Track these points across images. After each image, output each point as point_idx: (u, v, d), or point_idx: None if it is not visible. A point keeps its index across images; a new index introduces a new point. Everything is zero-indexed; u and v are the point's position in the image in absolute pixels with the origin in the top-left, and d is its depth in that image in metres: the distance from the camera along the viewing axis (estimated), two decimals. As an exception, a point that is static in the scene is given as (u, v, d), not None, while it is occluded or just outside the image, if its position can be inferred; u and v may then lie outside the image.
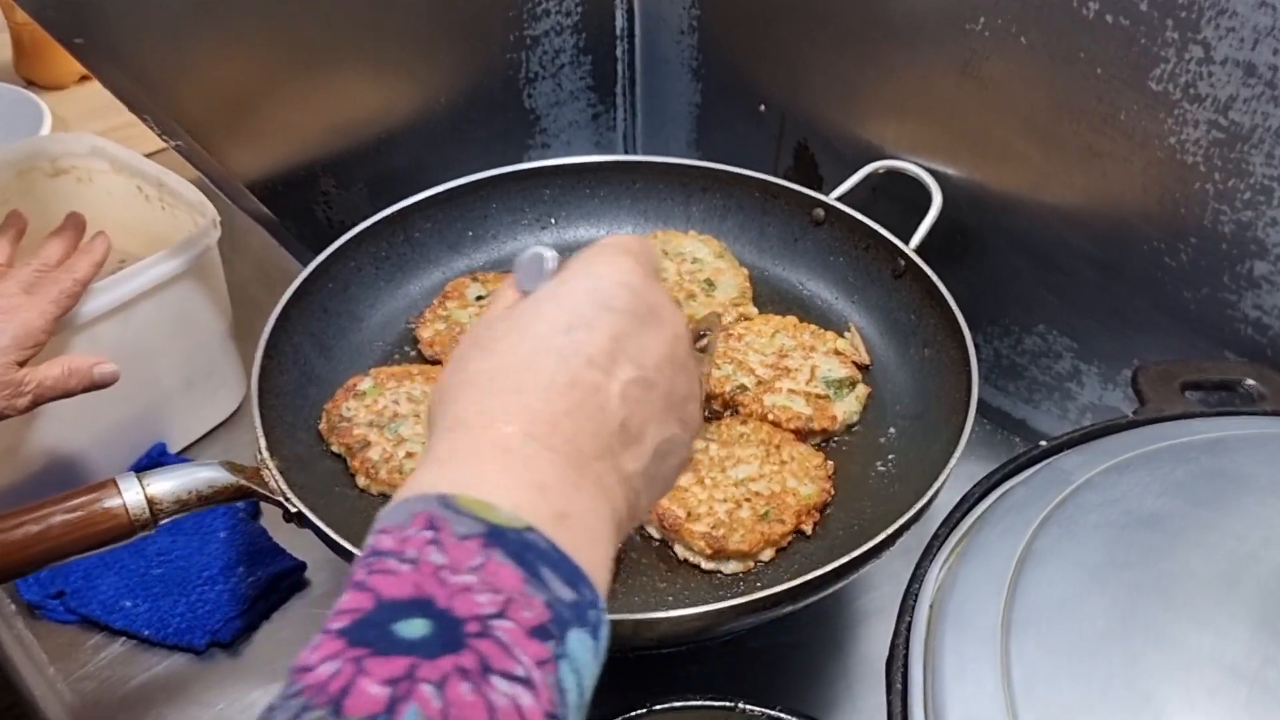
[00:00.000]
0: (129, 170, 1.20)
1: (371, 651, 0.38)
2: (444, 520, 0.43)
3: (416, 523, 0.43)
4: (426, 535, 0.42)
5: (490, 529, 0.43)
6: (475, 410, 0.49)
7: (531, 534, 0.44)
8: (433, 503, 0.44)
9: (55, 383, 0.91)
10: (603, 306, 0.52)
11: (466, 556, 0.42)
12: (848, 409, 1.03)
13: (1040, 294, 1.09)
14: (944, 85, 1.07)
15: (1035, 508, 0.74)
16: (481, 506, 0.44)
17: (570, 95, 1.37)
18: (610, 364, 0.51)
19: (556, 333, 0.51)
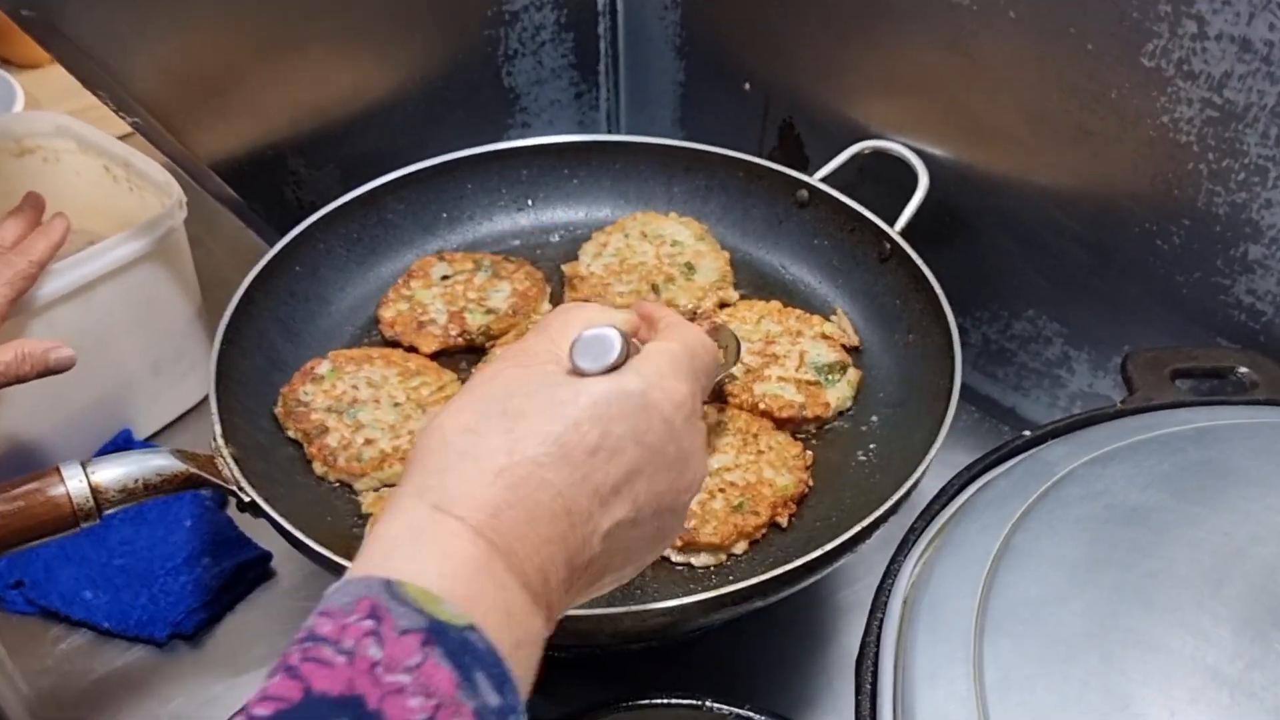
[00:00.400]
0: (96, 150, 1.17)
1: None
2: (387, 611, 0.41)
3: (359, 609, 0.41)
4: (367, 625, 0.40)
5: (432, 625, 0.41)
6: (466, 494, 0.46)
7: (472, 633, 0.42)
8: (378, 588, 0.42)
9: (7, 368, 0.88)
10: (636, 438, 0.50)
11: (405, 654, 0.40)
12: (840, 395, 1.00)
13: (1030, 278, 1.06)
14: (931, 62, 1.03)
15: (1015, 501, 0.71)
16: (428, 599, 0.42)
17: (551, 73, 1.34)
18: (611, 498, 0.49)
19: (580, 446, 0.49)
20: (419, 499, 0.47)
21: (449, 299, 1.08)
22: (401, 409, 0.97)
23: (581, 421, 0.49)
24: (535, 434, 0.48)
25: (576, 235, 1.19)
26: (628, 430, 0.50)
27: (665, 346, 0.56)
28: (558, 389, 0.50)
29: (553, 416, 0.49)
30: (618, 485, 0.50)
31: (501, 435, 0.48)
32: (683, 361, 0.55)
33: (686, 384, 0.54)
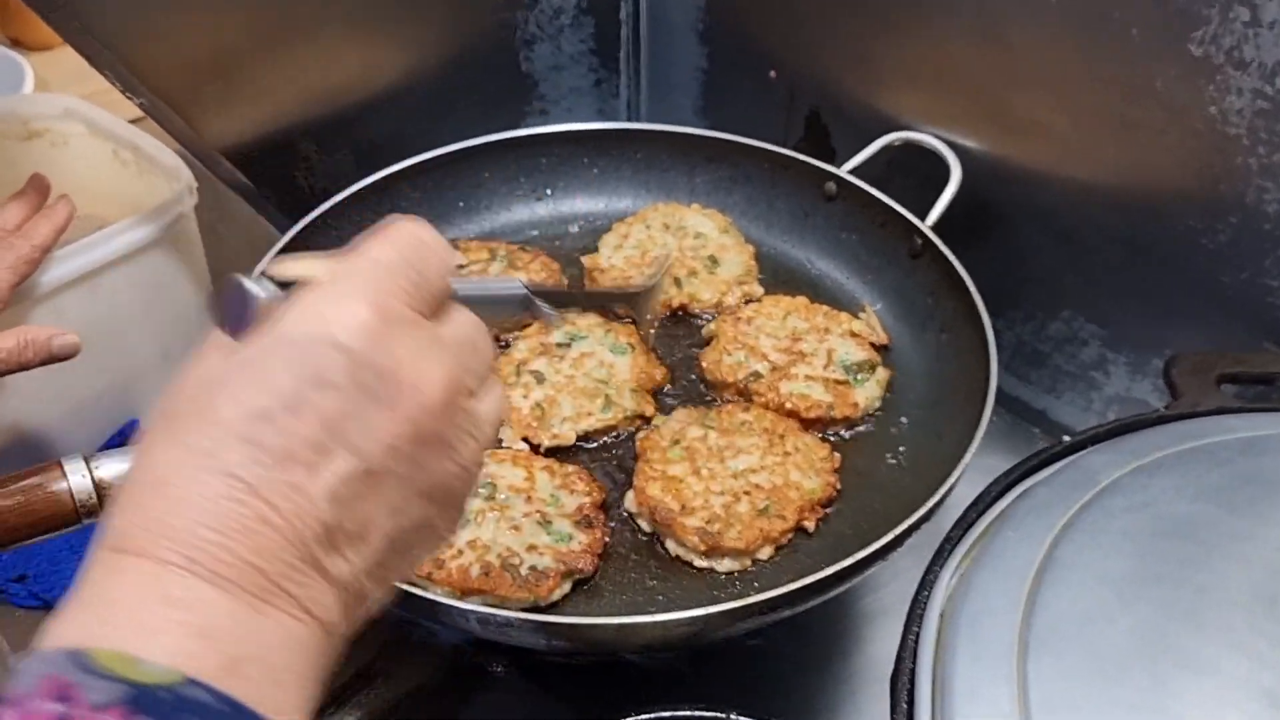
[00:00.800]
0: (104, 133, 1.14)
1: None
2: (76, 687, 0.35)
3: (43, 689, 0.35)
4: (55, 710, 0.34)
5: (135, 691, 0.35)
6: (130, 522, 0.40)
7: (191, 688, 0.36)
8: (63, 663, 0.35)
9: (9, 355, 0.86)
10: (312, 380, 0.42)
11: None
12: (869, 395, 0.97)
13: (1066, 276, 1.02)
14: (965, 50, 1.00)
15: (1057, 511, 0.68)
16: (123, 662, 0.36)
17: (570, 59, 1.31)
18: (317, 457, 0.41)
19: (248, 418, 0.41)
20: (97, 546, 0.41)
21: None
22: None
23: (242, 390, 0.41)
24: (197, 426, 0.41)
25: (596, 226, 1.16)
26: (296, 374, 0.41)
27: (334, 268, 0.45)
28: (210, 371, 0.43)
29: (213, 399, 0.42)
30: (314, 441, 0.41)
31: (164, 445, 0.42)
32: (354, 279, 0.44)
33: (359, 302, 0.43)
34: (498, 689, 0.87)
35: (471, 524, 0.83)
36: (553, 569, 0.79)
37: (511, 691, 0.88)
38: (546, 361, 0.98)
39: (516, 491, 0.85)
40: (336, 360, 0.42)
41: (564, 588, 0.80)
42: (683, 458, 0.89)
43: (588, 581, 0.83)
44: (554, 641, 0.71)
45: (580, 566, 0.81)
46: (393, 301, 0.44)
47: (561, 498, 0.85)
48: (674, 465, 0.88)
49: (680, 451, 0.89)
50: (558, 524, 0.83)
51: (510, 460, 0.88)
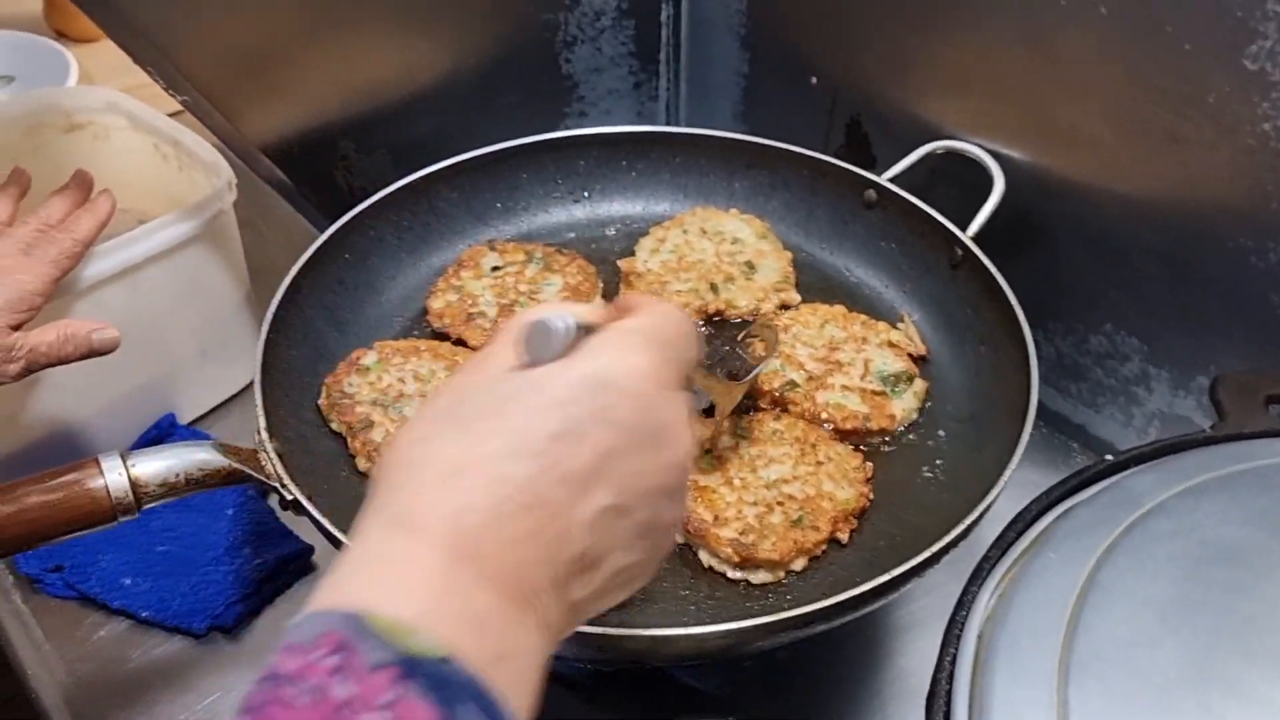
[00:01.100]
0: (146, 128, 1.15)
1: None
2: (354, 645, 0.37)
3: (323, 644, 0.37)
4: (333, 661, 0.37)
5: (405, 660, 0.38)
6: (421, 504, 0.43)
7: (450, 665, 0.38)
8: (342, 621, 0.38)
9: (50, 349, 0.86)
10: (600, 417, 0.46)
11: (376, 691, 0.36)
12: (906, 406, 0.96)
13: (1109, 291, 1.01)
14: (1011, 59, 0.98)
15: (1100, 533, 0.67)
16: (398, 630, 0.38)
17: (610, 61, 1.30)
18: (587, 485, 0.46)
19: (539, 436, 0.45)
20: (378, 516, 0.44)
21: (499, 291, 1.05)
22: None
23: (536, 409, 0.46)
24: (489, 431, 0.45)
25: (633, 230, 1.16)
26: (589, 411, 0.46)
27: (619, 326, 0.51)
28: (507, 383, 0.48)
29: (506, 410, 0.46)
30: (591, 469, 0.46)
31: (454, 439, 0.46)
32: (640, 336, 0.51)
33: (647, 355, 0.49)
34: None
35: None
36: (585, 576, 0.79)
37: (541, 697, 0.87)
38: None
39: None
40: (623, 403, 0.47)
41: (596, 596, 0.80)
42: (715, 467, 0.88)
43: (619, 589, 0.82)
44: (585, 650, 0.71)
45: (613, 575, 0.80)
46: (670, 365, 0.51)
47: (595, 504, 0.85)
48: (706, 475, 0.87)
49: (712, 461, 0.89)
50: (591, 531, 0.83)
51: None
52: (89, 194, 1.00)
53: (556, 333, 0.48)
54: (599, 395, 0.47)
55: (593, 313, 0.53)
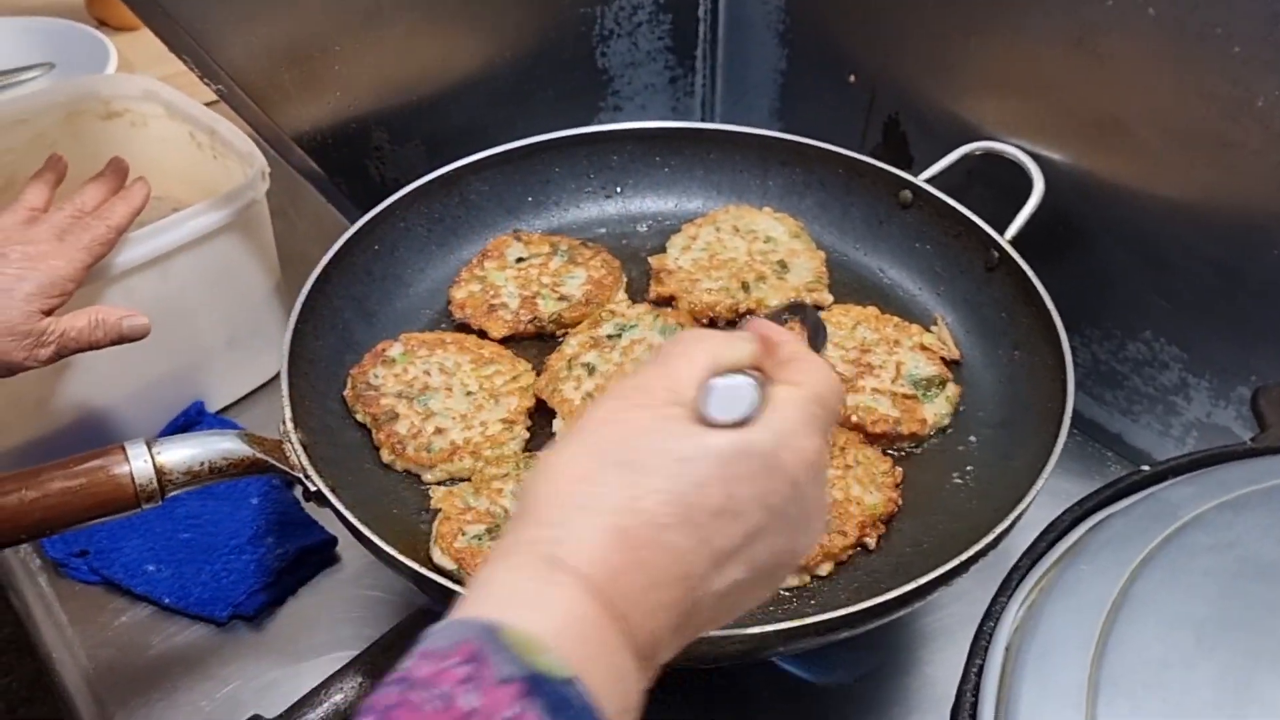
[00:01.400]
0: (182, 116, 1.15)
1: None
2: (487, 655, 0.39)
3: (459, 653, 0.39)
4: (465, 671, 0.39)
5: (533, 677, 0.39)
6: (581, 549, 0.44)
7: (572, 688, 0.40)
8: (481, 632, 0.40)
9: (80, 334, 0.87)
10: (761, 500, 0.48)
11: (501, 705, 0.38)
12: (938, 411, 0.94)
13: (1149, 297, 0.98)
14: (1055, 60, 0.96)
15: (1135, 545, 0.65)
16: (530, 646, 0.40)
17: (647, 56, 1.29)
18: (728, 561, 0.47)
19: (703, 508, 0.46)
20: (532, 548, 0.45)
21: (522, 282, 1.05)
22: (474, 398, 0.93)
23: (707, 481, 0.47)
24: (658, 492, 0.46)
25: (665, 226, 1.15)
26: (753, 493, 0.48)
27: (797, 396, 0.52)
28: (682, 441, 0.48)
29: (676, 473, 0.46)
30: (737, 549, 0.47)
31: (621, 489, 0.46)
32: (815, 413, 0.51)
33: (817, 440, 0.51)
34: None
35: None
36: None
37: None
38: (597, 354, 0.97)
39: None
40: (784, 490, 0.49)
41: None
42: None
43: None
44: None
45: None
46: (828, 446, 0.52)
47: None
48: None
49: None
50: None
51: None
52: (124, 181, 1.01)
53: (744, 402, 0.49)
54: (766, 478, 0.48)
55: (752, 355, 0.53)
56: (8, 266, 0.84)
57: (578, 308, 1.03)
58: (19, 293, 0.82)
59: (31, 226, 0.89)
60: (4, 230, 0.88)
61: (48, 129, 1.15)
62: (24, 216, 0.90)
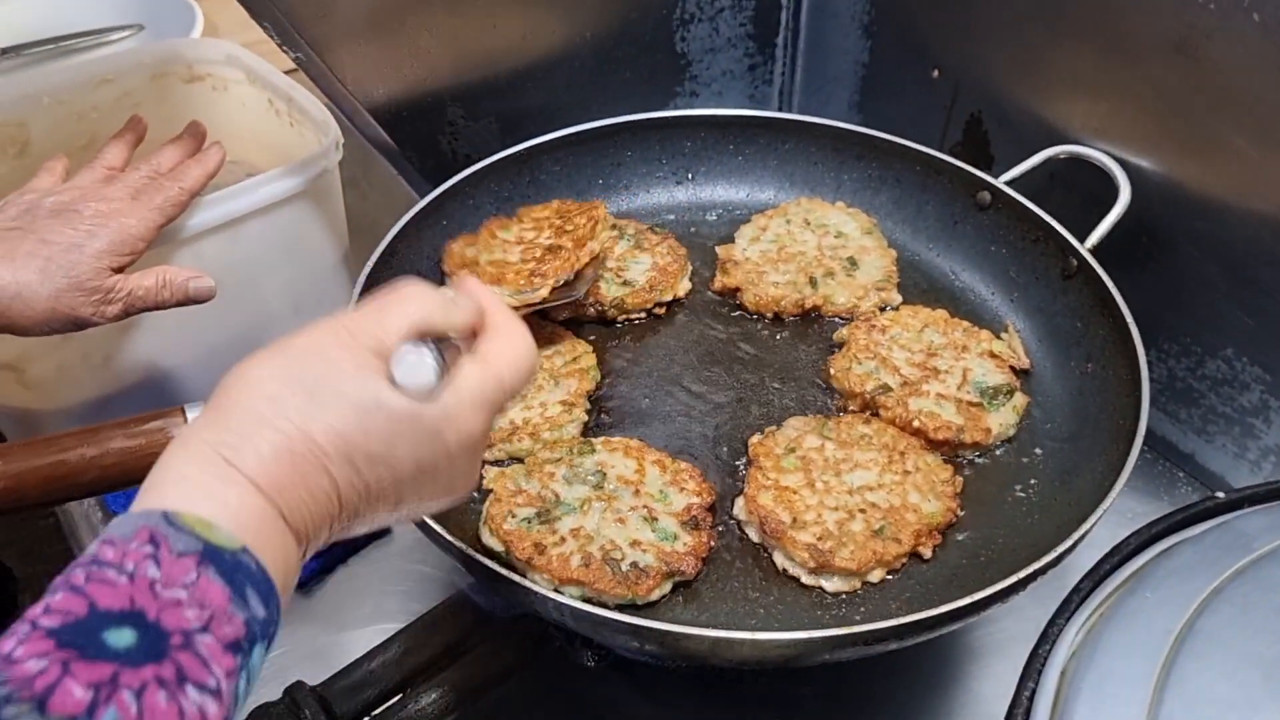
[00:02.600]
0: (262, 82, 1.16)
1: (79, 655, 0.41)
2: (164, 536, 0.45)
3: (139, 537, 0.45)
4: (147, 550, 0.45)
5: (206, 547, 0.46)
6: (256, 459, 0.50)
7: (244, 555, 0.47)
8: (157, 518, 0.46)
9: (147, 293, 0.88)
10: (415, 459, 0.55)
11: (181, 572, 0.45)
12: (1003, 421, 0.91)
13: (1234, 314, 0.94)
14: (1151, 64, 0.93)
15: (1204, 576, 0.63)
16: (202, 525, 0.47)
17: (727, 42, 1.27)
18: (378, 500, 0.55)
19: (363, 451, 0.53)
20: (215, 449, 0.50)
21: None
22: (534, 379, 0.93)
23: (373, 431, 0.53)
24: (330, 429, 0.52)
25: (735, 216, 1.13)
26: (411, 453, 0.55)
27: (478, 375, 0.58)
28: (363, 392, 0.53)
29: (349, 417, 0.52)
30: (385, 491, 0.55)
31: (299, 415, 0.52)
32: (490, 395, 0.58)
33: (483, 418, 0.58)
34: (585, 678, 0.86)
35: (576, 511, 0.81)
36: (654, 568, 0.77)
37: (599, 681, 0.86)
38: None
39: (625, 483, 0.84)
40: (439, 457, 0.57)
41: (664, 588, 0.78)
42: (797, 467, 0.85)
43: (688, 584, 0.80)
44: (646, 645, 0.69)
45: (683, 569, 0.78)
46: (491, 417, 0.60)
47: (670, 495, 0.83)
48: (788, 475, 0.85)
49: (795, 461, 0.86)
50: (664, 521, 0.81)
51: (622, 450, 0.86)
52: (201, 145, 1.01)
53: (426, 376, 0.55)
54: (425, 443, 0.55)
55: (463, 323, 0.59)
56: (80, 223, 0.85)
57: (640, 294, 1.02)
58: (90, 249, 0.84)
59: (107, 185, 0.90)
60: (81, 188, 0.89)
61: (132, 89, 1.17)
62: (101, 175, 0.92)
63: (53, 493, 0.69)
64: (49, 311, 0.82)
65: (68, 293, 0.82)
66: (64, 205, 0.86)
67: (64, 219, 0.85)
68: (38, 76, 1.15)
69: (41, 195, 0.88)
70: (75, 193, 0.88)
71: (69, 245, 0.83)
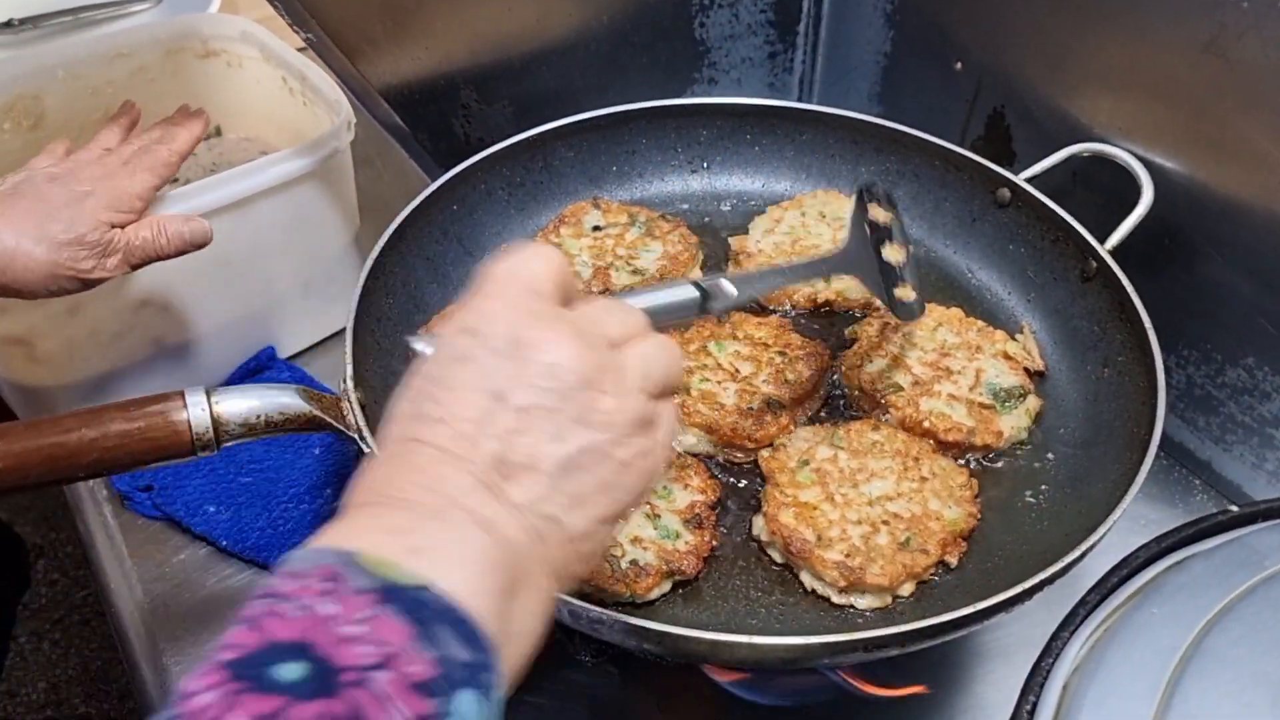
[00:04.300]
0: (276, 60, 1.15)
1: (249, 688, 0.40)
2: (343, 574, 0.44)
3: (318, 573, 0.44)
4: (324, 586, 0.44)
5: (386, 586, 0.44)
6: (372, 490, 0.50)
7: (427, 593, 0.45)
8: (336, 556, 0.45)
9: (145, 243, 0.87)
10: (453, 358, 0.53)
11: (357, 609, 0.43)
12: (1015, 424, 0.90)
13: (1256, 322, 0.93)
14: (1179, 62, 0.91)
15: (1213, 592, 0.61)
16: (382, 565, 0.45)
17: (747, 29, 1.25)
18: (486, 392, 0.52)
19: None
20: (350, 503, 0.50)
21: (597, 252, 1.03)
22: None
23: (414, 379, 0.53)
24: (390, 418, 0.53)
25: (750, 207, 1.12)
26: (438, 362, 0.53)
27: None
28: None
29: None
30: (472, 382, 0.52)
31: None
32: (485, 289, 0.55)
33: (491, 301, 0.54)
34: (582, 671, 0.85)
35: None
36: (654, 566, 0.76)
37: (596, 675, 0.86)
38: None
39: (628, 478, 0.83)
40: (465, 341, 0.53)
41: (663, 587, 0.77)
42: (814, 481, 0.83)
43: (689, 582, 0.79)
44: (644, 645, 0.69)
45: (683, 568, 0.77)
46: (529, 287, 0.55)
47: (674, 491, 0.82)
48: (805, 490, 0.83)
49: (810, 474, 0.84)
50: (666, 519, 0.80)
51: (627, 444, 0.85)
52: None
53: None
54: (449, 345, 0.53)
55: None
56: (77, 185, 0.85)
57: (650, 282, 1.01)
58: (88, 205, 0.84)
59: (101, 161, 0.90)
60: (76, 162, 0.89)
61: (147, 64, 1.16)
62: (96, 154, 0.92)
63: (54, 473, 0.69)
64: (51, 265, 0.82)
65: (68, 246, 0.82)
66: (58, 175, 0.86)
67: (60, 183, 0.85)
68: (53, 50, 1.14)
69: (37, 171, 0.88)
70: (70, 165, 0.88)
71: (67, 201, 0.83)
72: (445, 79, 1.07)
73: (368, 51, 0.99)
